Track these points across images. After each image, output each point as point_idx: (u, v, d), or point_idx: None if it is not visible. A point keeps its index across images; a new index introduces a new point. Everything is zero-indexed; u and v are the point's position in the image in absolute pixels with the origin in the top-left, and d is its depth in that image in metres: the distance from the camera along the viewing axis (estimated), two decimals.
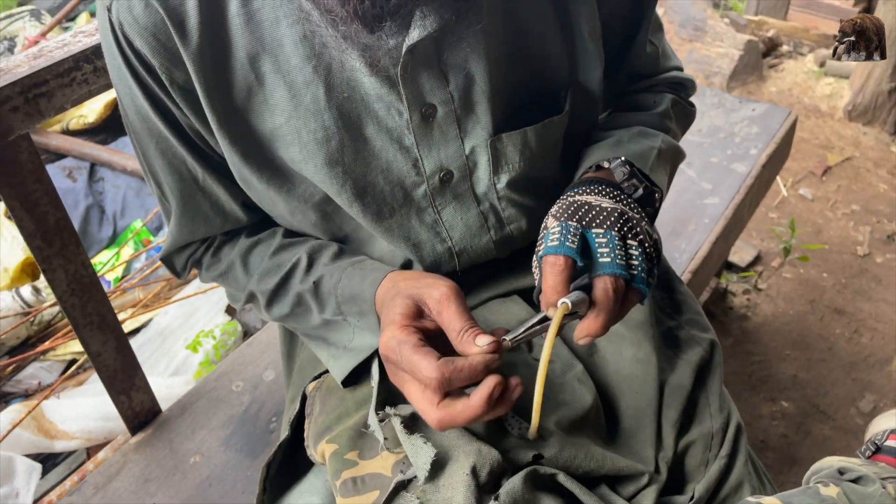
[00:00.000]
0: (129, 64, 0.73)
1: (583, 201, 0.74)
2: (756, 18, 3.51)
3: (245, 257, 0.88)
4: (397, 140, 0.77)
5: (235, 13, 0.71)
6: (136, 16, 0.69)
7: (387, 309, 0.72)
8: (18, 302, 1.89)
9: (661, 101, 0.96)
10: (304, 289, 0.83)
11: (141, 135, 0.80)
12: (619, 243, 0.70)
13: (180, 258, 0.93)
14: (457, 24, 0.69)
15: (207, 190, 0.84)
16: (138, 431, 1.23)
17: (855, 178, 2.79)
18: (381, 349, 0.70)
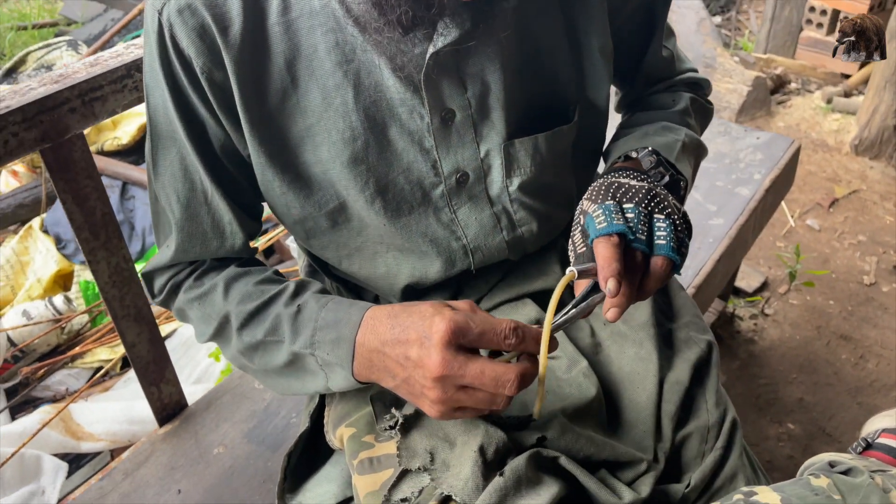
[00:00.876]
0: (168, 67, 0.78)
1: (613, 181, 0.81)
2: (765, 56, 3.61)
3: (229, 283, 0.87)
4: (418, 142, 0.84)
5: (275, 21, 0.78)
6: (185, 18, 0.75)
7: (412, 315, 0.73)
8: (51, 310, 1.98)
9: (681, 100, 1.02)
10: (285, 312, 0.82)
11: (164, 140, 0.84)
12: (644, 218, 0.76)
13: (162, 278, 0.92)
14: (475, 35, 0.76)
15: (213, 207, 0.86)
16: (166, 423, 1.30)
17: (862, 210, 2.84)
18: (447, 327, 0.69)
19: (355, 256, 0.92)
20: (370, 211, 0.86)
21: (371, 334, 0.76)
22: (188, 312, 0.92)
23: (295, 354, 0.81)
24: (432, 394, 0.72)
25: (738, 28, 4.18)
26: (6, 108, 0.89)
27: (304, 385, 0.84)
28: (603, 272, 0.72)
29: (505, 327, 0.70)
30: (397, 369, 0.74)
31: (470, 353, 0.71)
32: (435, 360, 0.70)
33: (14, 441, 1.64)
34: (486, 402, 0.72)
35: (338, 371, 0.79)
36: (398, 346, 0.73)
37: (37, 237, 2.20)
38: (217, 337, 0.89)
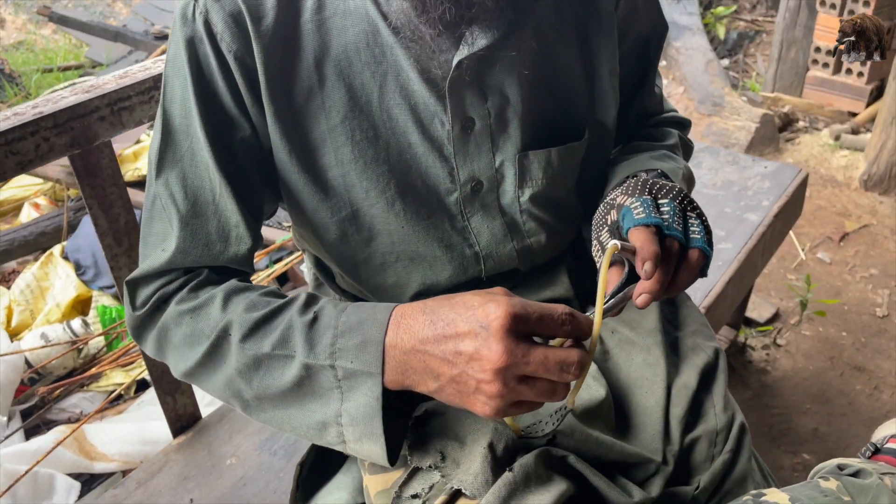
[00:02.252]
0: (196, 55, 0.78)
1: (646, 178, 0.82)
2: (772, 95, 3.66)
3: (229, 295, 0.79)
4: (438, 149, 0.85)
5: (309, 19, 0.80)
6: (223, 4, 0.76)
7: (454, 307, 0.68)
8: (69, 333, 2.01)
9: (670, 136, 1.06)
10: (298, 321, 0.74)
11: (176, 134, 0.81)
12: (679, 213, 0.77)
13: (149, 287, 0.83)
14: (501, 46, 0.79)
15: (220, 207, 0.82)
16: (180, 434, 1.31)
17: (872, 244, 2.85)
18: (506, 312, 0.65)
19: (362, 267, 0.93)
20: (390, 214, 0.86)
21: (405, 333, 0.70)
22: (173, 332, 0.80)
23: (308, 368, 0.73)
24: (491, 388, 0.66)
25: (746, 70, 4.25)
26: (39, 114, 0.93)
27: (307, 415, 0.75)
28: (641, 253, 0.71)
29: (561, 312, 0.67)
30: (443, 368, 0.68)
31: (529, 339, 0.66)
32: (496, 350, 0.64)
33: (28, 459, 1.65)
34: (547, 392, 0.68)
35: (362, 383, 0.71)
36: (444, 341, 0.67)
37: (57, 263, 2.25)
38: (207, 359, 0.78)
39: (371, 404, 0.71)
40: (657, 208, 0.77)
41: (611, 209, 0.81)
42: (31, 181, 2.76)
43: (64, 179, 2.53)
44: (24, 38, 5.12)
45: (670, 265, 0.74)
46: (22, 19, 5.47)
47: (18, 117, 0.93)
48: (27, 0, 5.58)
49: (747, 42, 4.44)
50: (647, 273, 0.71)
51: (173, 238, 0.81)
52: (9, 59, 4.29)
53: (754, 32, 4.48)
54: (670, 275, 0.74)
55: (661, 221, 0.74)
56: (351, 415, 0.72)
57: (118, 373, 2.02)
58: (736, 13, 4.59)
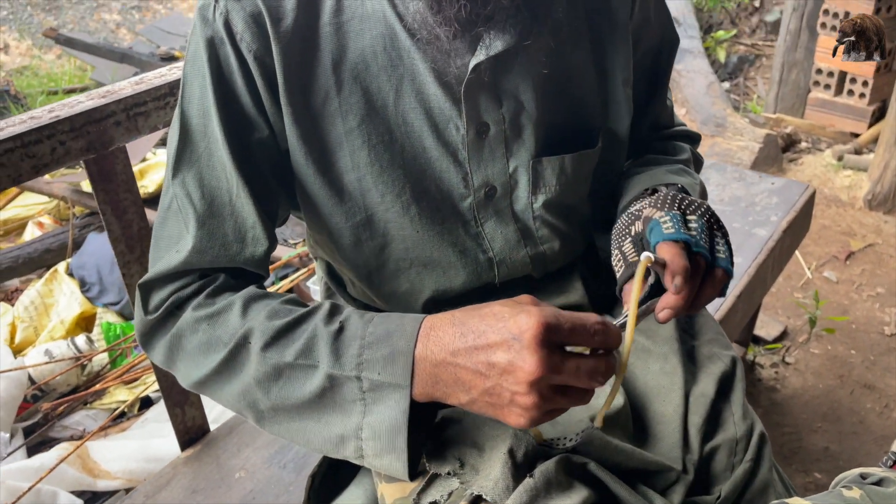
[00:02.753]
0: (216, 55, 0.78)
1: (675, 192, 0.82)
2: (774, 116, 3.69)
3: (249, 301, 0.78)
4: (452, 154, 0.85)
5: (327, 22, 0.80)
6: (244, 5, 0.77)
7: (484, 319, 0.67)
8: (73, 349, 2.00)
9: (683, 151, 1.06)
10: (323, 331, 0.73)
11: (194, 134, 0.81)
12: (706, 230, 0.77)
13: (163, 290, 0.81)
14: (515, 53, 0.80)
15: (237, 208, 0.81)
16: (188, 447, 1.29)
17: (878, 263, 2.85)
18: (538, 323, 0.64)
19: (375, 275, 0.92)
20: (405, 218, 0.86)
21: (435, 346, 0.68)
22: (188, 340, 0.79)
23: (332, 379, 0.71)
24: (527, 400, 0.65)
25: (746, 93, 4.29)
26: (56, 118, 0.93)
27: (324, 428, 0.73)
28: (672, 267, 0.72)
29: (594, 322, 0.66)
30: (476, 380, 0.67)
31: (562, 349, 0.66)
32: (530, 362, 0.63)
33: (31, 477, 1.63)
34: (578, 399, 0.68)
35: (389, 396, 0.70)
36: (476, 353, 0.66)
37: (62, 280, 2.24)
38: (224, 368, 0.76)
39: (397, 418, 0.70)
40: (686, 224, 0.77)
41: (635, 220, 0.80)
42: (36, 200, 2.76)
43: (69, 197, 2.53)
44: (29, 62, 5.16)
45: (696, 282, 0.74)
46: (26, 44, 5.52)
47: (35, 121, 0.93)
48: (31, 25, 5.63)
49: (747, 66, 4.48)
50: (676, 287, 0.71)
51: (189, 238, 0.80)
52: (14, 82, 4.31)
53: (754, 56, 4.52)
54: (695, 291, 0.75)
55: (691, 238, 0.74)
56: (373, 428, 0.71)
57: (122, 390, 2.00)
58: (736, 37, 4.64)
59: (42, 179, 2.63)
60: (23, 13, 5.81)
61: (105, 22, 5.92)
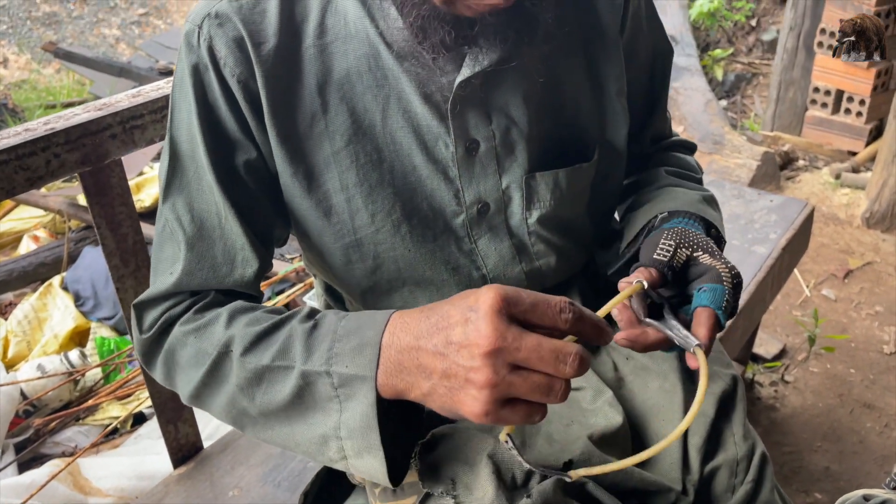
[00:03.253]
0: (200, 80, 0.79)
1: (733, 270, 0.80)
2: (772, 134, 3.70)
3: (234, 314, 0.79)
4: (442, 171, 0.85)
5: (311, 44, 0.80)
6: (226, 30, 0.77)
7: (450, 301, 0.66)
8: (66, 364, 1.98)
9: (692, 167, 1.06)
10: (298, 329, 0.73)
11: (183, 159, 0.82)
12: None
13: (156, 310, 0.83)
14: (503, 69, 0.79)
15: (227, 230, 0.82)
16: (181, 465, 1.27)
17: (877, 281, 2.84)
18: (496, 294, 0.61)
19: (369, 294, 0.91)
20: (396, 237, 0.86)
21: (402, 332, 0.67)
22: (179, 354, 0.80)
23: (306, 377, 0.70)
24: (481, 376, 0.60)
25: (744, 111, 4.30)
26: (51, 130, 0.92)
27: (310, 429, 0.72)
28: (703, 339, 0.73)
29: (560, 300, 0.62)
30: (435, 362, 0.63)
31: (522, 325, 0.62)
32: (485, 333, 0.60)
33: (21, 493, 1.60)
34: (543, 388, 0.61)
35: (358, 389, 0.68)
36: (437, 332, 0.64)
37: (56, 294, 2.22)
38: (209, 378, 0.77)
39: (367, 412, 0.67)
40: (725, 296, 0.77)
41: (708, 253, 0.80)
42: (32, 213, 2.75)
43: (65, 211, 2.51)
44: (28, 76, 5.17)
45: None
46: (25, 58, 5.53)
47: (30, 133, 0.92)
48: (31, 39, 5.65)
49: (744, 84, 4.51)
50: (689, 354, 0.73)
51: (180, 262, 0.82)
52: (12, 95, 4.31)
53: (751, 74, 4.55)
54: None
55: (724, 321, 0.75)
56: (349, 426, 0.69)
57: (115, 406, 1.98)
58: (733, 56, 4.66)
59: (38, 193, 2.62)
60: (22, 27, 5.83)
61: (105, 37, 5.94)
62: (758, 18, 4.78)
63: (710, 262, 0.79)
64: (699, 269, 0.79)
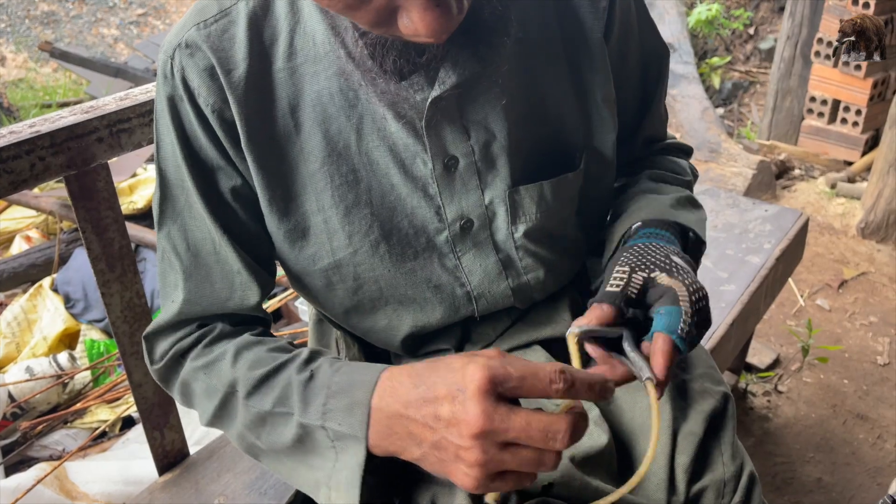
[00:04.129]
0: (177, 112, 0.79)
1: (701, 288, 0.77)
2: (768, 143, 3.70)
3: (240, 350, 0.82)
4: (422, 188, 0.83)
5: (281, 67, 0.79)
6: (197, 60, 0.76)
7: (437, 370, 0.66)
8: (55, 367, 1.96)
9: (683, 170, 1.04)
10: (296, 379, 0.75)
11: (173, 188, 0.83)
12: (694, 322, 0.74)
13: (165, 342, 0.86)
14: (477, 82, 0.77)
15: (222, 256, 0.83)
16: (166, 472, 1.26)
17: (871, 291, 2.84)
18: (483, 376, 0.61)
19: (353, 313, 0.90)
20: (375, 258, 0.84)
21: (390, 397, 0.67)
22: (193, 386, 0.84)
23: (304, 427, 0.73)
24: (470, 456, 0.61)
25: (741, 119, 4.30)
26: (36, 133, 0.91)
27: (310, 471, 0.75)
28: (657, 369, 0.71)
29: (550, 370, 0.61)
30: (425, 433, 0.64)
31: (511, 403, 0.62)
32: (473, 414, 0.60)
33: (6, 497, 1.59)
34: (532, 462, 0.62)
35: (350, 446, 0.70)
36: (425, 405, 0.64)
37: (46, 296, 2.21)
38: (221, 412, 0.82)
39: (353, 471, 0.69)
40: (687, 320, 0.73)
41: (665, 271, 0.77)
42: (24, 213, 2.73)
43: (57, 212, 2.50)
44: (25, 75, 5.15)
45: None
46: (23, 57, 5.51)
47: (14, 135, 0.90)
48: (28, 38, 5.63)
49: (741, 92, 4.51)
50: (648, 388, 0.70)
51: (181, 290, 0.84)
52: (8, 94, 4.30)
53: (748, 83, 4.55)
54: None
55: (683, 347, 0.72)
56: (337, 479, 0.71)
57: (103, 409, 1.96)
58: (730, 64, 4.67)
59: (30, 193, 2.60)
60: (20, 26, 5.81)
61: (103, 36, 5.93)
62: (756, 27, 4.79)
63: (667, 282, 0.76)
64: (657, 292, 0.76)
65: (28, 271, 2.36)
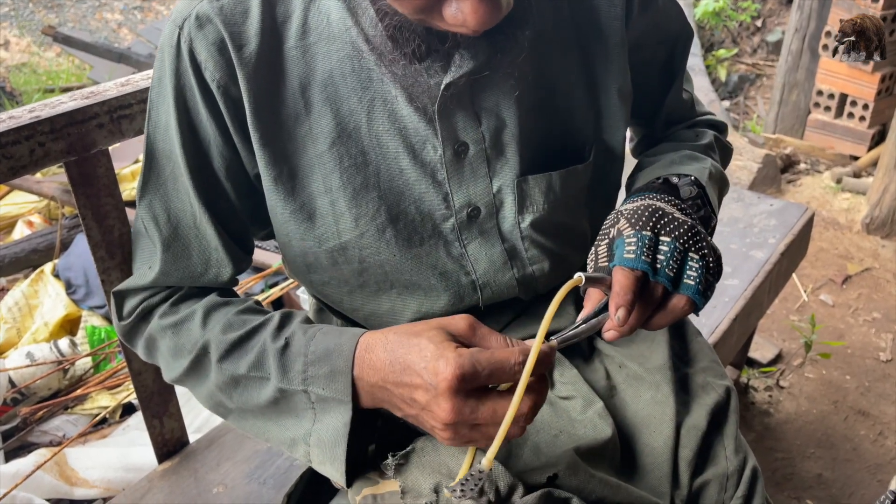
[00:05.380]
0: (180, 82, 0.78)
1: (658, 207, 0.78)
2: (774, 136, 3.67)
3: (209, 311, 0.83)
4: (431, 174, 0.83)
5: (293, 45, 0.78)
6: (207, 33, 0.76)
7: (410, 352, 0.69)
8: (55, 353, 1.96)
9: (704, 136, 1.01)
10: (271, 347, 0.78)
11: (159, 158, 0.83)
12: (679, 253, 0.75)
13: (134, 299, 0.88)
14: (490, 67, 0.76)
15: (201, 231, 0.84)
16: (165, 460, 1.26)
17: (875, 287, 2.82)
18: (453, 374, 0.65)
19: (357, 293, 0.90)
20: (381, 241, 0.84)
21: (369, 370, 0.72)
22: (158, 343, 0.86)
23: (282, 392, 0.76)
24: (444, 434, 0.69)
25: (746, 112, 4.28)
26: (36, 118, 0.90)
27: (281, 430, 0.79)
28: (616, 299, 0.72)
29: (514, 362, 0.67)
30: (404, 407, 0.72)
31: (479, 394, 0.68)
32: (444, 408, 0.67)
33: (6, 483, 1.59)
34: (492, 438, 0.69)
35: (334, 408, 0.74)
36: (401, 386, 0.70)
37: (47, 281, 2.21)
38: (191, 372, 0.83)
39: (339, 429, 0.75)
40: (655, 247, 0.75)
41: (615, 223, 0.79)
42: (27, 198, 2.73)
43: (59, 197, 2.49)
44: (28, 59, 5.13)
45: (647, 308, 0.75)
46: (26, 41, 5.49)
47: (14, 121, 0.89)
48: (32, 22, 5.61)
49: (748, 85, 4.48)
50: (618, 321, 0.72)
51: (157, 260, 0.85)
52: (11, 79, 4.28)
53: (755, 76, 4.52)
54: (644, 318, 0.75)
55: (648, 267, 0.73)
56: (319, 436, 0.76)
57: (104, 396, 1.96)
58: (737, 56, 4.63)
59: (32, 178, 2.60)
60: (24, 10, 5.79)
61: (107, 21, 5.90)
62: (763, 19, 4.75)
63: (615, 230, 0.78)
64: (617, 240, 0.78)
65: (30, 256, 2.35)
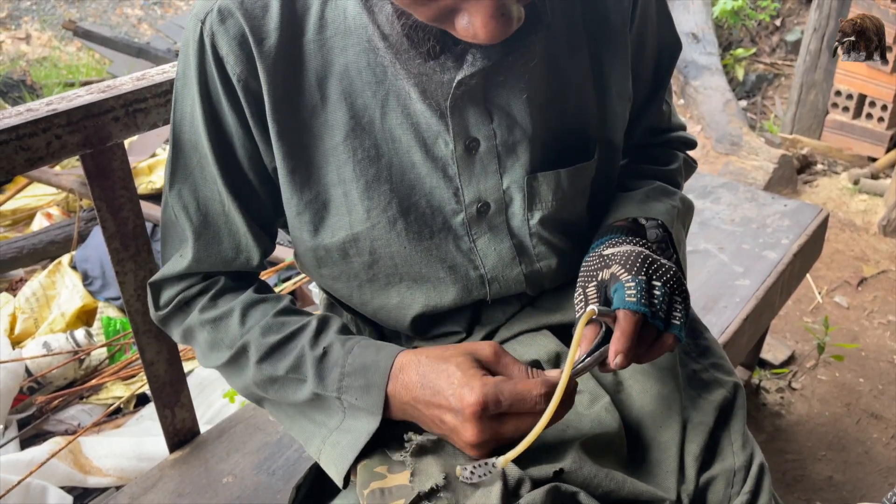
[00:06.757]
0: (204, 75, 0.80)
1: (647, 254, 0.84)
2: (790, 137, 3.64)
3: (246, 309, 0.88)
4: (442, 169, 0.84)
5: (311, 39, 0.80)
6: (228, 27, 0.77)
7: (440, 377, 0.77)
8: (71, 343, 1.99)
9: (675, 160, 1.06)
10: (309, 354, 0.83)
11: (186, 149, 0.85)
12: (668, 297, 0.81)
13: (171, 289, 0.92)
14: (503, 66, 0.78)
15: (230, 218, 0.86)
16: (176, 449, 1.28)
17: (891, 290, 2.80)
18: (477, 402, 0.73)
19: (367, 287, 0.92)
20: (391, 234, 0.85)
21: (402, 389, 0.79)
22: (196, 335, 0.91)
23: (317, 395, 0.82)
24: (472, 452, 0.77)
25: (764, 112, 4.24)
26: (53, 111, 0.92)
27: (312, 426, 0.85)
28: (616, 344, 0.76)
29: (535, 395, 0.74)
30: (433, 426, 0.79)
31: (502, 416, 0.75)
32: (470, 433, 0.74)
33: (21, 470, 1.61)
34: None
35: (363, 416, 0.80)
36: (432, 408, 0.77)
37: (65, 272, 2.24)
38: (229, 366, 0.89)
39: (357, 440, 0.81)
40: (649, 291, 0.80)
41: (604, 268, 0.83)
42: (45, 191, 2.77)
43: (77, 190, 2.52)
44: (49, 53, 5.19)
45: (641, 347, 0.79)
46: (48, 35, 5.55)
47: (31, 113, 0.91)
48: (54, 17, 5.67)
49: (766, 84, 4.44)
50: (617, 365, 0.76)
51: (189, 248, 0.88)
52: (31, 72, 4.34)
53: (773, 75, 4.48)
54: (638, 355, 0.80)
55: (648, 311, 0.78)
56: (337, 439, 0.82)
57: (119, 386, 1.99)
58: (755, 56, 4.60)
59: (51, 171, 2.63)
60: (45, 4, 5.85)
61: (127, 16, 5.95)
62: (782, 18, 4.71)
63: (608, 273, 0.83)
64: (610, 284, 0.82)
65: (48, 248, 2.39)
